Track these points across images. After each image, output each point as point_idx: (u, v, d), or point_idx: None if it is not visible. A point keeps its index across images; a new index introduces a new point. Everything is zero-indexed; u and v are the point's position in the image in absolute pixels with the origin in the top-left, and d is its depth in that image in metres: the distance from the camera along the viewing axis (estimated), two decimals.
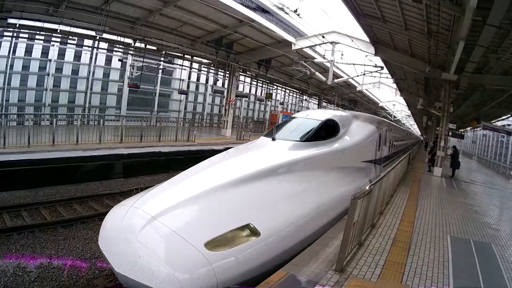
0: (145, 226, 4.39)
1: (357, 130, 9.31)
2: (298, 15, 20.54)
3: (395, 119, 48.17)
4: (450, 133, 19.01)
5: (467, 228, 7.63)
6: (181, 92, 28.93)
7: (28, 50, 25.56)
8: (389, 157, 13.29)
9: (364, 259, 5.04)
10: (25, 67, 25.78)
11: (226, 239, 4.43)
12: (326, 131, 8.28)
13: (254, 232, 4.73)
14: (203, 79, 37.70)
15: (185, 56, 26.18)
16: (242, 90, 36.30)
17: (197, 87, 38.14)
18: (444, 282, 4.60)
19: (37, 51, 26.12)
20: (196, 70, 34.48)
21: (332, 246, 5.32)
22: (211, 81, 35.89)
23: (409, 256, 5.38)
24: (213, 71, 30.29)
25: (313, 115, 9.12)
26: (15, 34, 21.45)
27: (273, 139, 7.86)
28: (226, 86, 27.83)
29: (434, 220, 7.87)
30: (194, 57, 26.75)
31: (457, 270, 5.07)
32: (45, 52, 26.47)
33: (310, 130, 8.11)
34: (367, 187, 5.29)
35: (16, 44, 24.37)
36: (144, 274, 3.83)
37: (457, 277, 4.81)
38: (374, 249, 5.49)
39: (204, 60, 28.03)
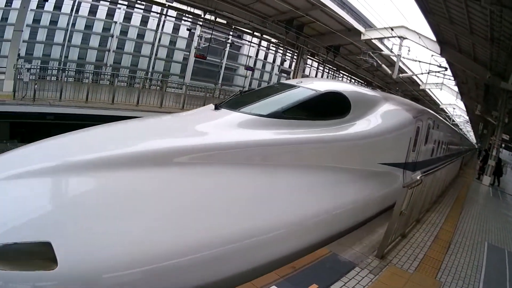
0: None
1: (380, 115, 6.14)
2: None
3: (453, 123, 45.20)
4: (503, 145, 18.09)
5: (505, 238, 7.43)
6: (247, 68, 28.90)
7: (93, 11, 24.84)
8: (429, 163, 9.51)
9: (404, 251, 5.13)
10: (88, 26, 25.01)
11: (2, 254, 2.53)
12: (323, 108, 5.28)
13: (48, 260, 2.54)
14: (270, 58, 37.17)
15: (255, 33, 25.41)
16: (308, 74, 35.71)
17: (263, 66, 37.61)
18: (475, 285, 4.63)
19: (101, 12, 25.28)
20: (264, 49, 34.00)
21: (376, 234, 5.36)
22: (278, 61, 35.65)
23: (447, 254, 5.40)
24: (281, 51, 29.61)
25: (310, 83, 5.78)
26: None
27: (217, 108, 4.95)
28: (292, 67, 27.23)
29: (475, 225, 7.74)
30: (264, 35, 26.04)
31: (488, 276, 5.06)
32: (110, 14, 25.64)
33: (291, 103, 5.01)
34: (418, 177, 4.92)
35: (80, 3, 23.72)
36: None
37: (487, 283, 4.82)
38: (416, 243, 5.54)
39: (273, 40, 27.42)
